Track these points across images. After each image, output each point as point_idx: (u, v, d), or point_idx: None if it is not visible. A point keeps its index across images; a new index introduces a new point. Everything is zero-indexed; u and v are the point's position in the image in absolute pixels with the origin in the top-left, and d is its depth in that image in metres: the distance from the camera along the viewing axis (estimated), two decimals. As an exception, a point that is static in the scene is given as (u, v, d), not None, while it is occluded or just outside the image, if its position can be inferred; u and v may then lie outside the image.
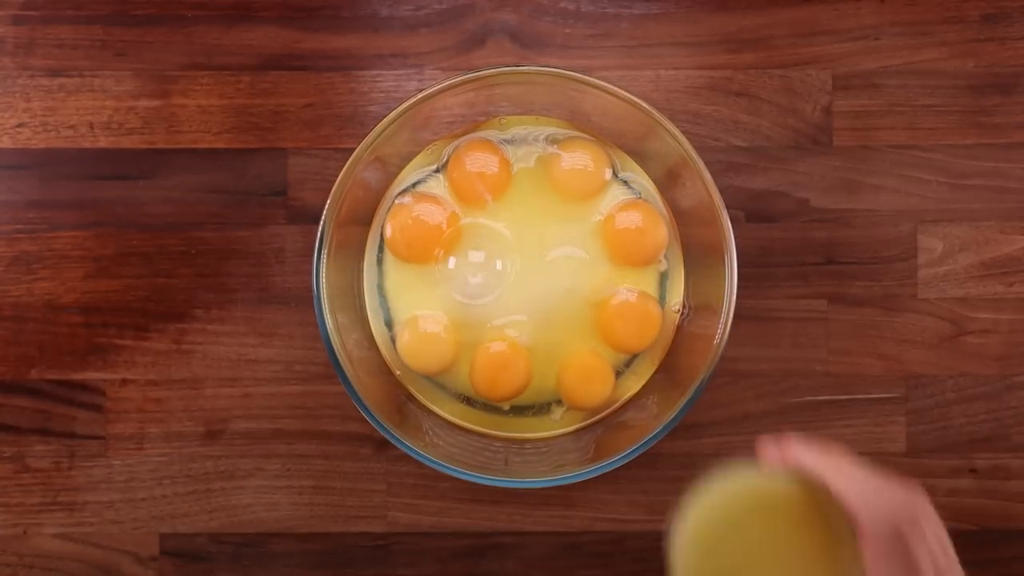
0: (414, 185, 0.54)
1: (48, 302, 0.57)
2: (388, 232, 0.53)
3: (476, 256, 0.53)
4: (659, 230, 0.53)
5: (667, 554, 0.40)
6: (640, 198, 0.54)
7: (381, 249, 0.54)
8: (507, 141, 0.54)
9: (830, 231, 0.57)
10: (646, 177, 0.55)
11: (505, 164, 0.53)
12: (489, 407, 0.55)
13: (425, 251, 0.53)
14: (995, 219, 0.57)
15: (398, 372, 0.54)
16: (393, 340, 0.54)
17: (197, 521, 0.57)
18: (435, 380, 0.55)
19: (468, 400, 0.55)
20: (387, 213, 0.54)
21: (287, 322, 0.57)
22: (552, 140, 0.54)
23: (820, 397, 0.57)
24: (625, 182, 0.54)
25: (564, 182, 0.53)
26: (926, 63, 0.57)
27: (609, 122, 0.53)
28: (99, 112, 0.57)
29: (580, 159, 0.53)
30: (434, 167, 0.54)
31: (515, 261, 0.53)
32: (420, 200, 0.54)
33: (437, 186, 0.54)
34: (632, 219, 0.53)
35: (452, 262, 0.53)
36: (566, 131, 0.54)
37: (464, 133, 0.54)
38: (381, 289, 0.54)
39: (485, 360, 0.53)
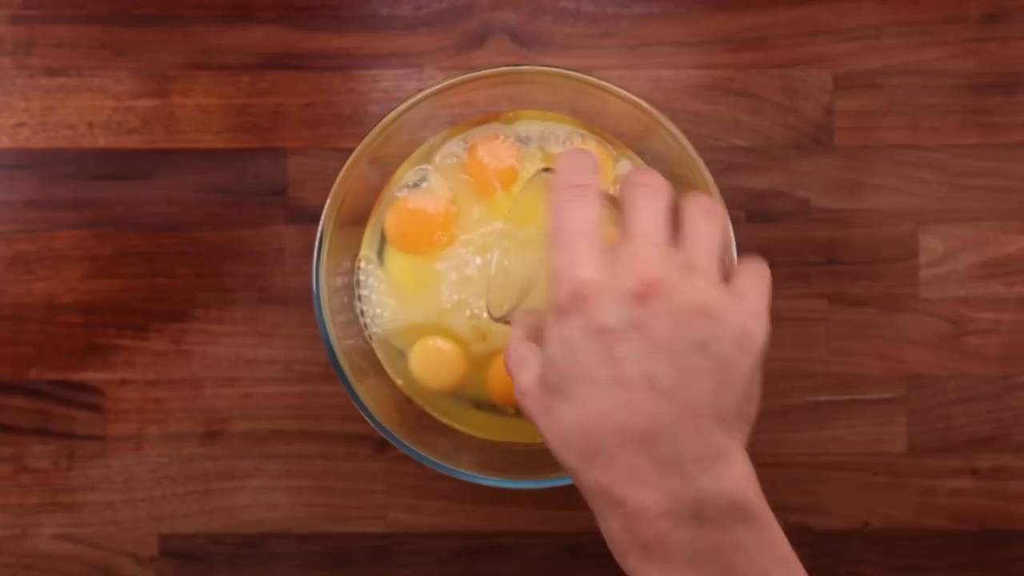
0: (414, 185, 0.54)
1: (47, 302, 0.57)
2: (388, 224, 0.53)
3: (473, 254, 0.53)
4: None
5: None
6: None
7: (381, 249, 0.54)
8: (521, 139, 0.54)
9: (831, 231, 0.57)
10: None
11: (519, 157, 0.53)
12: (493, 409, 0.54)
13: (424, 240, 0.53)
14: (996, 219, 0.57)
15: (400, 381, 0.54)
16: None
17: (196, 521, 0.57)
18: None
19: (475, 404, 0.54)
20: (387, 208, 0.54)
21: (287, 322, 0.57)
22: (567, 139, 0.54)
23: (821, 397, 0.57)
24: None
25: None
26: (927, 62, 0.57)
27: (611, 121, 0.53)
28: (98, 112, 0.57)
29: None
30: (429, 166, 0.54)
31: (516, 257, 0.53)
32: (418, 194, 0.53)
33: (435, 184, 0.54)
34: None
35: (449, 262, 0.53)
36: (574, 129, 0.54)
37: (466, 128, 0.54)
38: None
39: (499, 369, 0.53)
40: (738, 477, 0.36)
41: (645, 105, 0.49)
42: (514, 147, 0.53)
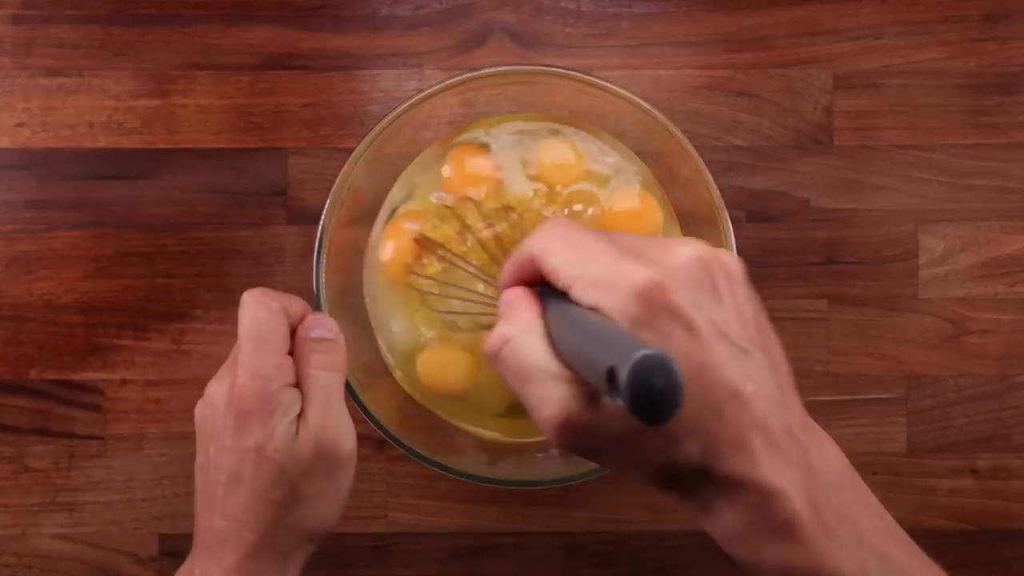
0: (403, 203, 0.54)
1: (47, 302, 0.57)
2: (383, 257, 0.53)
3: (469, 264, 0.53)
4: (656, 214, 0.53)
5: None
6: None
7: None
8: (494, 142, 0.54)
9: (831, 231, 0.57)
10: (651, 175, 0.54)
11: (493, 167, 0.53)
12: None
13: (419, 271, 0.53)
14: (996, 219, 0.57)
15: (399, 373, 0.54)
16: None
17: (197, 521, 0.57)
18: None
19: (480, 407, 0.54)
20: (380, 234, 0.54)
21: (287, 322, 0.56)
22: (537, 138, 0.54)
23: (821, 397, 0.57)
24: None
25: (546, 177, 0.53)
26: (927, 63, 0.57)
27: (611, 121, 0.53)
28: (98, 112, 0.57)
29: (560, 153, 0.53)
30: (422, 172, 0.54)
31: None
32: (410, 219, 0.53)
33: (422, 201, 0.54)
34: (631, 202, 0.53)
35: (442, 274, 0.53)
36: (550, 124, 0.54)
37: (456, 134, 0.54)
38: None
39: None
40: (836, 448, 0.38)
41: (645, 105, 0.49)
42: (489, 158, 0.53)
